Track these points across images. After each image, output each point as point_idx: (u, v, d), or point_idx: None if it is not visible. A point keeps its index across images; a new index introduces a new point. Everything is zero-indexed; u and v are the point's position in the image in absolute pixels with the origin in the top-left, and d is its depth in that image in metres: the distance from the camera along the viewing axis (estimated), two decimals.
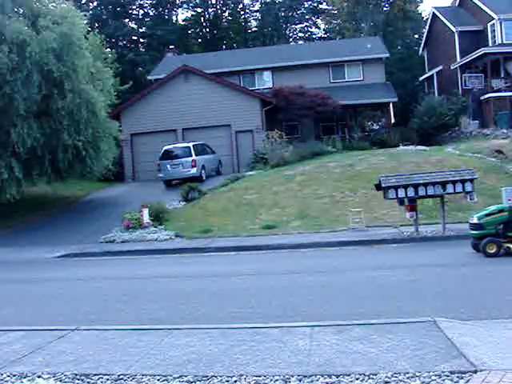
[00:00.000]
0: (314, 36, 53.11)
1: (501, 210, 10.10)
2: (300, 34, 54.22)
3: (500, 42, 28.70)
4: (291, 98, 26.55)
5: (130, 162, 27.50)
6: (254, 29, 54.52)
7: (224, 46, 51.42)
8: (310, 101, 26.43)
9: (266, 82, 31.27)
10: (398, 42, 44.82)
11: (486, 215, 10.17)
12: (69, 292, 9.33)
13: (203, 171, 22.70)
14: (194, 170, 21.98)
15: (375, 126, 32.59)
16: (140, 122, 27.08)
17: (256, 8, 53.35)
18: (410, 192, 12.14)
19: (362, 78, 31.00)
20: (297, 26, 53.82)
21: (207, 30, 52.64)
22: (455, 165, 17.07)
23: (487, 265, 9.16)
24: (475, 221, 10.23)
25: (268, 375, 4.21)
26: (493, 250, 9.79)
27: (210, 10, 52.20)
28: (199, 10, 51.95)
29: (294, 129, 28.98)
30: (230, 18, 53.60)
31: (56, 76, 17.57)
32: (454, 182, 12.06)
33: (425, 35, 37.04)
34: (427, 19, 37.54)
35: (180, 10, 53.15)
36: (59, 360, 4.91)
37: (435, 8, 34.63)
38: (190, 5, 51.45)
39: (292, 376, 4.16)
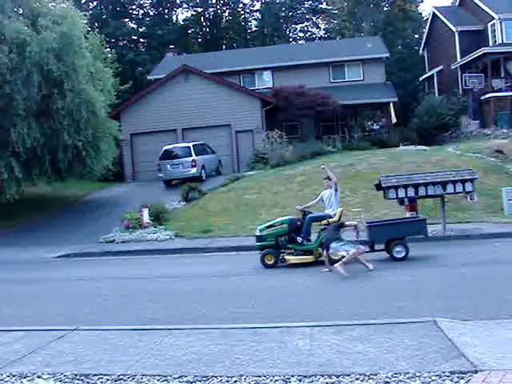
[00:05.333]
0: (314, 36, 53.11)
1: (282, 223, 10.43)
2: (300, 34, 54.24)
3: (500, 41, 28.67)
4: (291, 97, 26.50)
5: (129, 162, 27.47)
6: (254, 29, 54.50)
7: (224, 46, 51.39)
8: (310, 101, 26.37)
9: (266, 81, 31.21)
10: (398, 41, 44.80)
11: (267, 227, 10.49)
12: (69, 292, 9.33)
13: (203, 171, 22.67)
14: (193, 170, 21.96)
15: (375, 126, 32.61)
16: (140, 122, 27.05)
17: (256, 8, 53.32)
18: (410, 192, 12.14)
19: (362, 78, 30.95)
20: (297, 26, 53.80)
21: (207, 29, 52.60)
22: (455, 165, 17.05)
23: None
24: (257, 233, 10.55)
25: (268, 375, 4.21)
26: (271, 261, 10.24)
27: (210, 10, 52.14)
28: (199, 9, 51.89)
29: (294, 129, 28.92)
30: (230, 17, 53.56)
31: (56, 76, 17.56)
32: (454, 182, 12.06)
33: (425, 35, 37.01)
34: (427, 19, 37.52)
35: (180, 9, 53.05)
36: (59, 360, 4.91)
37: (435, 8, 34.61)
38: (190, 5, 51.38)
39: (292, 376, 4.16)
